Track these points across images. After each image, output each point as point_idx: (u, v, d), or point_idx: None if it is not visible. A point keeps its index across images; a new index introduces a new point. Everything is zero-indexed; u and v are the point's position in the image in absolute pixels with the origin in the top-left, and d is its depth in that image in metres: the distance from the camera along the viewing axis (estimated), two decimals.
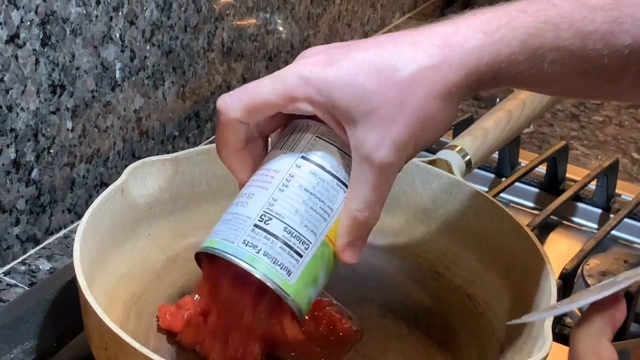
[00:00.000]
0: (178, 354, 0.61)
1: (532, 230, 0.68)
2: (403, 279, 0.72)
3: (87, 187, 0.83)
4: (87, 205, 0.64)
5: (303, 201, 0.55)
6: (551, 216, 0.86)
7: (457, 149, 0.76)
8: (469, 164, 0.76)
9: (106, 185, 0.83)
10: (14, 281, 0.75)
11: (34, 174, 0.76)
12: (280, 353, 0.60)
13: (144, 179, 0.68)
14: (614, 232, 0.86)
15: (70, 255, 0.77)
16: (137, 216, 0.68)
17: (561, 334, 0.74)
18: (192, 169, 0.71)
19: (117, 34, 0.81)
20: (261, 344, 0.57)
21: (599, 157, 1.04)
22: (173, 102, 0.92)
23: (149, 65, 0.86)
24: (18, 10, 0.70)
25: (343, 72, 0.52)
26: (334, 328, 0.63)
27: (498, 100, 0.88)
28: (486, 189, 0.93)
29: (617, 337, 0.46)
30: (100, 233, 0.63)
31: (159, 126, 0.91)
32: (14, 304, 0.66)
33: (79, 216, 0.82)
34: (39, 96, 0.74)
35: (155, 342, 0.62)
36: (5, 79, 0.70)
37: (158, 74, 0.88)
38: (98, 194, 0.68)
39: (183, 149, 0.88)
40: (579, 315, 0.77)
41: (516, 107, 0.82)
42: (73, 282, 0.58)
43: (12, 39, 0.70)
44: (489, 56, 0.52)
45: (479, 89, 0.55)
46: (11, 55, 0.70)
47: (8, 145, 0.72)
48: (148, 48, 0.86)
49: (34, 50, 0.72)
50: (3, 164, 0.72)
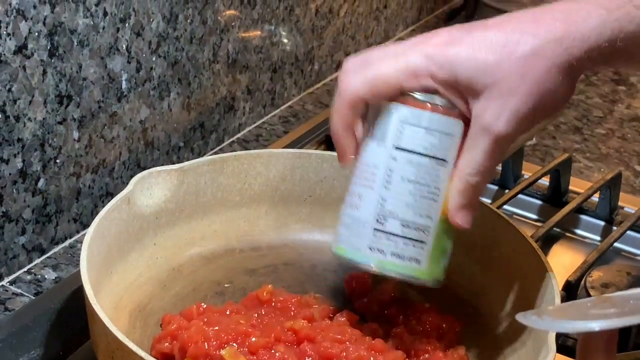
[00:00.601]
0: None
1: (535, 242, 0.68)
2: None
3: (93, 197, 0.83)
4: (93, 215, 0.64)
5: (409, 192, 0.58)
6: (554, 228, 0.87)
7: None
8: None
9: (112, 195, 0.84)
10: (19, 290, 0.75)
11: (41, 183, 0.76)
12: None
13: (150, 189, 0.69)
14: (616, 245, 0.87)
15: (76, 265, 0.77)
16: (143, 226, 0.68)
17: (564, 345, 0.74)
18: (198, 179, 0.72)
19: (124, 45, 0.82)
20: None
21: (602, 170, 1.04)
22: (178, 113, 0.92)
23: (155, 77, 0.87)
24: (26, 21, 0.70)
25: (465, 49, 0.55)
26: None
27: None
28: (489, 201, 0.93)
29: (620, 348, 0.46)
30: (106, 242, 0.64)
31: (164, 137, 0.91)
32: (20, 313, 0.66)
33: (85, 226, 0.83)
34: (46, 106, 0.75)
35: None
36: (13, 89, 0.71)
37: (164, 85, 0.89)
38: (104, 204, 0.69)
39: (188, 159, 0.88)
40: None
41: None
42: (79, 291, 0.59)
43: (20, 49, 0.71)
44: (610, 32, 0.53)
45: (597, 66, 0.56)
46: (19, 66, 0.71)
47: (15, 155, 0.73)
48: (154, 59, 0.86)
49: (42, 60, 0.73)
50: (10, 174, 0.73)
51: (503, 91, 0.54)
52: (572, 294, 0.76)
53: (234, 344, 0.59)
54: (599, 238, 0.93)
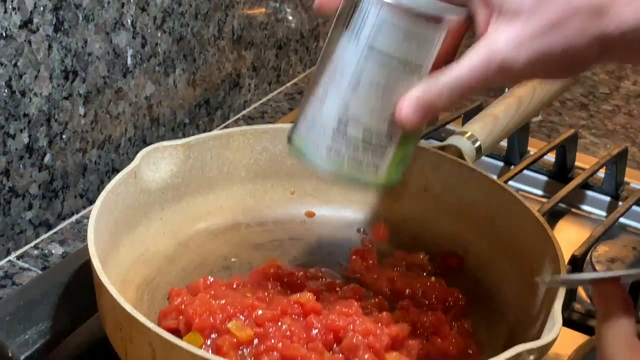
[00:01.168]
0: None
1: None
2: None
3: (99, 173, 0.84)
4: (99, 191, 0.64)
5: (376, 97, 0.54)
6: (560, 204, 0.87)
7: (467, 135, 0.77)
8: (479, 150, 0.77)
9: (118, 171, 0.83)
10: (27, 265, 0.76)
11: (47, 159, 0.77)
12: None
13: (157, 163, 0.69)
14: (622, 220, 0.87)
15: (83, 240, 0.77)
16: (150, 200, 0.68)
17: (570, 319, 0.74)
18: (204, 154, 0.72)
19: (129, 21, 0.82)
20: None
21: (608, 146, 1.04)
22: (184, 89, 0.92)
23: (160, 52, 0.87)
24: None
25: None
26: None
27: (507, 90, 0.88)
28: (495, 177, 0.93)
29: None
30: (113, 216, 0.64)
31: (170, 113, 0.91)
32: (28, 287, 0.67)
33: (91, 202, 0.83)
34: (51, 82, 0.75)
35: None
36: (18, 64, 0.71)
37: (169, 60, 0.89)
38: (109, 179, 0.69)
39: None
40: (589, 301, 0.77)
41: (526, 94, 0.83)
42: (86, 266, 0.59)
43: (26, 24, 0.71)
44: None
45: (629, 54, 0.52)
46: (24, 41, 0.71)
47: (21, 130, 0.73)
48: (159, 35, 0.86)
49: (47, 35, 0.73)
50: (16, 149, 0.73)
51: (534, 27, 0.51)
52: (578, 268, 0.76)
53: (241, 317, 0.59)
54: (604, 213, 0.93)
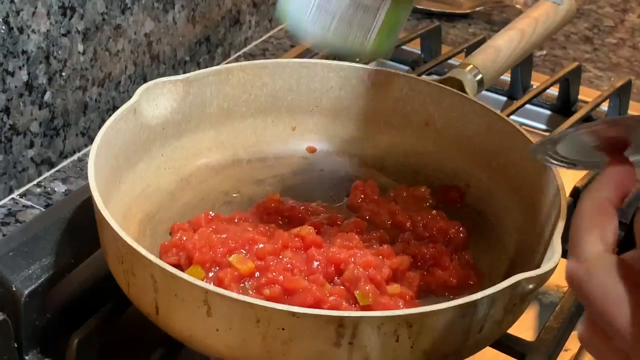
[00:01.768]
0: None
1: None
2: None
3: (100, 111, 0.83)
4: (100, 129, 0.64)
5: None
6: None
7: (469, 67, 0.76)
8: (480, 83, 0.76)
9: (118, 109, 0.84)
10: (30, 203, 0.76)
11: (47, 96, 0.76)
12: None
13: (156, 99, 0.68)
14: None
15: (85, 178, 0.77)
16: (150, 137, 0.68)
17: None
18: (204, 90, 0.71)
19: None
20: None
21: (612, 79, 1.03)
22: (183, 26, 0.91)
23: None
24: None
25: None
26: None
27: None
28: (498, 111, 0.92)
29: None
30: (113, 152, 0.64)
31: (170, 50, 0.91)
32: (31, 223, 0.67)
33: (92, 140, 0.82)
34: (49, 18, 0.74)
35: None
36: (15, 0, 0.70)
37: None
38: None
39: None
40: None
41: (529, 26, 0.82)
42: (88, 202, 0.59)
43: None
44: None
45: None
46: None
47: (20, 68, 0.73)
48: None
49: None
50: (16, 86, 0.73)
51: None
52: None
53: (242, 251, 0.60)
54: None
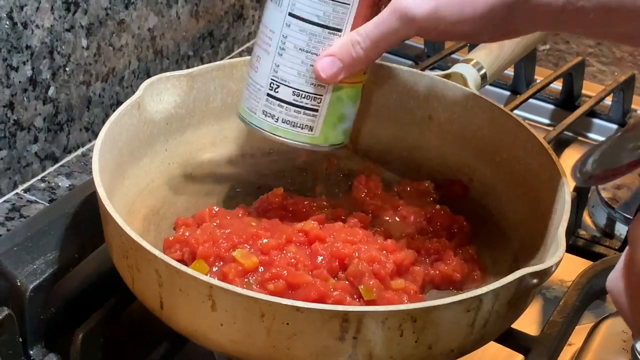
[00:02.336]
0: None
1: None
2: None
3: (104, 106, 0.84)
4: (104, 124, 0.64)
5: (301, 61, 0.58)
6: (566, 132, 0.86)
7: (473, 62, 0.76)
8: (484, 78, 0.76)
9: (122, 104, 0.84)
10: (34, 198, 0.76)
11: (51, 91, 0.77)
12: None
13: (160, 94, 0.68)
14: None
15: (89, 173, 0.78)
16: (154, 132, 0.68)
17: (575, 245, 0.74)
18: (207, 85, 0.71)
19: None
20: None
21: (615, 74, 1.03)
22: (187, 21, 0.91)
23: None
24: None
25: None
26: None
27: None
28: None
29: None
30: (118, 147, 0.64)
31: (174, 45, 0.91)
32: (36, 218, 0.67)
33: (96, 135, 0.82)
34: (53, 13, 0.74)
35: None
36: None
37: None
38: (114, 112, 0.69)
39: None
40: (594, 228, 0.77)
41: None
42: (93, 197, 0.59)
43: None
44: None
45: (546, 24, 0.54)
46: None
47: (24, 63, 0.73)
48: None
49: None
50: (20, 82, 0.73)
51: None
52: (583, 196, 0.76)
53: (246, 246, 0.60)
54: None
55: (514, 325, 0.57)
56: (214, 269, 0.58)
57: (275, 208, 0.67)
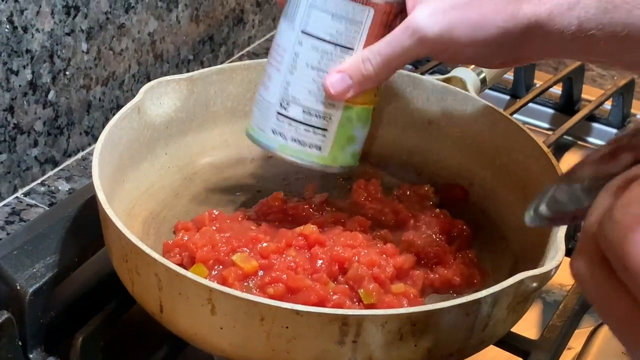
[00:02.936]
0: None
1: None
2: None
3: (104, 110, 0.84)
4: (104, 128, 0.64)
5: (312, 79, 0.58)
6: (566, 136, 0.87)
7: (472, 66, 0.76)
8: (484, 82, 0.76)
9: (122, 108, 0.84)
10: (34, 201, 0.76)
11: (51, 95, 0.77)
12: None
13: (160, 98, 0.69)
14: None
15: (89, 177, 0.78)
16: (154, 135, 0.69)
17: (574, 249, 0.74)
18: (207, 89, 0.72)
19: None
20: None
21: (615, 78, 1.03)
22: (187, 25, 0.91)
23: None
24: None
25: None
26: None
27: None
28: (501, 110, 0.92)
29: None
30: (118, 151, 0.64)
31: (174, 49, 0.91)
32: (36, 222, 0.67)
33: (96, 139, 0.82)
34: (53, 17, 0.74)
35: None
36: None
37: None
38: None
39: None
40: None
41: None
42: (93, 201, 0.59)
43: None
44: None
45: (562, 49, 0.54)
46: None
47: (24, 67, 0.73)
48: None
49: None
50: (20, 85, 0.73)
51: (453, 3, 0.54)
52: None
53: (246, 249, 0.60)
54: None
55: (513, 329, 0.57)
56: (214, 273, 0.58)
57: (275, 212, 0.67)
